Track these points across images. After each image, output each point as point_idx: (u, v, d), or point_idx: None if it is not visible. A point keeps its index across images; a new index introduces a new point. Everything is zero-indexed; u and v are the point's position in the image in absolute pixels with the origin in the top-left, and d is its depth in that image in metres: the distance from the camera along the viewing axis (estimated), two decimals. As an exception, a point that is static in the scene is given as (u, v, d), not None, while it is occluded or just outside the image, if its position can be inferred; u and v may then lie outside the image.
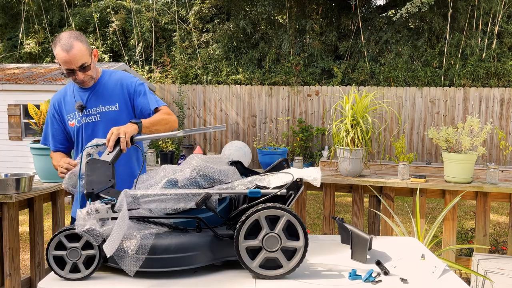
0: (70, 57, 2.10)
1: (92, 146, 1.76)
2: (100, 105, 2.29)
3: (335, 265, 1.60)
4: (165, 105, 2.35)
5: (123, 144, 1.80)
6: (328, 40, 10.92)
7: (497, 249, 4.06)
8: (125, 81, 2.34)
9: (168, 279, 1.43)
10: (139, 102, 2.32)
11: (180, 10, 11.87)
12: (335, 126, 3.51)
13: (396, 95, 9.87)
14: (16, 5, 12.41)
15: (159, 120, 2.17)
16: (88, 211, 1.42)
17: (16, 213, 2.94)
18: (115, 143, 1.79)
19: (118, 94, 2.31)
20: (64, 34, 2.16)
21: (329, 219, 3.58)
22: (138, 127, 1.96)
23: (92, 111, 2.29)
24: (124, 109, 2.31)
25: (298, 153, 9.74)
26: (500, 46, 10.12)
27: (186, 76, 11.02)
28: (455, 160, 3.27)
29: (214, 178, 1.58)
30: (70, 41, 2.11)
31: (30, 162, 3.78)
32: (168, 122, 2.22)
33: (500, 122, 9.56)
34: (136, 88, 2.33)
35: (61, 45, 2.10)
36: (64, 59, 2.10)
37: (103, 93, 2.31)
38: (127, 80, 2.35)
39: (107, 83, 2.33)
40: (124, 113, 2.30)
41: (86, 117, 2.29)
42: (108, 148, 1.77)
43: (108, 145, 1.77)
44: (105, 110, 2.29)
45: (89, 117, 2.29)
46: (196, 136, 10.71)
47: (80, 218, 1.41)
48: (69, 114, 2.32)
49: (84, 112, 2.28)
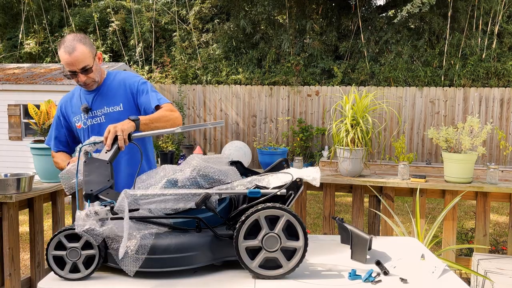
0: (72, 59, 2.12)
1: (90, 144, 1.73)
2: (105, 106, 2.31)
3: (335, 265, 1.59)
4: (168, 102, 2.31)
5: (121, 142, 1.79)
6: (328, 40, 10.91)
7: (497, 249, 4.06)
8: (128, 81, 2.35)
9: (168, 279, 1.43)
10: (142, 101, 2.31)
11: (180, 10, 11.87)
12: (335, 126, 3.51)
13: (396, 95, 9.87)
14: (16, 5, 12.41)
15: (159, 117, 2.13)
16: (87, 213, 1.42)
17: (16, 213, 2.94)
18: (113, 141, 1.77)
19: (122, 94, 2.33)
20: (69, 36, 2.18)
21: (329, 219, 3.58)
22: (136, 124, 1.93)
23: (97, 113, 2.31)
24: (128, 109, 2.32)
25: (298, 153, 9.74)
26: (500, 46, 10.11)
27: (186, 76, 11.02)
28: (455, 160, 3.27)
29: (214, 178, 1.58)
30: (73, 44, 2.13)
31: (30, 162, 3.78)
32: (169, 119, 2.16)
33: (500, 122, 9.56)
34: (139, 87, 2.33)
35: (64, 47, 2.13)
36: (66, 61, 2.13)
37: (107, 94, 2.33)
38: (130, 79, 2.36)
39: (111, 84, 2.35)
40: (128, 113, 2.30)
41: (92, 119, 2.32)
42: (106, 147, 1.75)
43: (106, 143, 1.76)
44: (110, 111, 2.31)
45: (94, 119, 2.32)
46: (196, 136, 10.71)
47: (79, 218, 1.41)
48: (76, 116, 2.35)
49: (90, 114, 2.31)
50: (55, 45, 11.99)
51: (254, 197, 1.50)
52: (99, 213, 1.42)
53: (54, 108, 3.25)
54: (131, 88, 2.33)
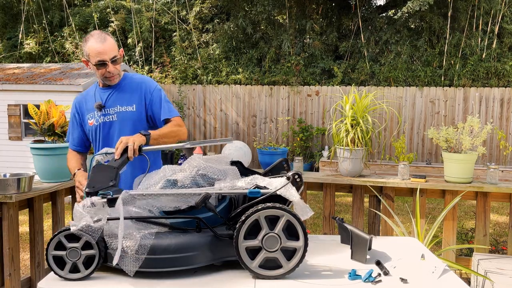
0: (104, 47, 2.21)
1: (102, 154, 1.82)
2: (118, 105, 2.36)
3: (335, 265, 1.59)
4: (177, 115, 2.41)
5: (130, 152, 1.86)
6: (328, 40, 10.92)
7: (497, 249, 4.06)
8: (145, 85, 2.42)
9: (168, 279, 1.43)
10: (153, 108, 2.39)
11: (180, 10, 11.87)
12: (335, 126, 3.51)
13: (396, 95, 9.87)
14: (16, 5, 12.41)
15: (168, 132, 2.25)
16: (84, 203, 1.44)
17: (16, 213, 2.94)
18: (123, 151, 1.84)
19: (137, 96, 2.38)
20: (95, 31, 2.29)
21: (329, 219, 3.58)
22: (146, 138, 2.03)
23: (110, 111, 2.36)
24: (140, 111, 2.38)
25: (298, 153, 9.74)
26: (500, 46, 10.11)
27: (186, 76, 11.02)
28: (455, 160, 3.27)
29: (213, 178, 1.58)
30: (103, 35, 2.24)
31: (30, 162, 3.78)
32: (176, 135, 2.29)
33: (500, 122, 9.56)
34: (154, 94, 2.41)
35: (95, 39, 2.22)
36: (98, 50, 2.20)
37: (123, 94, 2.38)
38: (147, 83, 2.43)
39: (127, 84, 2.41)
40: (140, 115, 2.38)
41: (104, 116, 2.36)
42: (116, 156, 1.83)
43: (116, 153, 1.84)
44: (122, 110, 2.36)
45: (106, 117, 2.36)
46: (196, 137, 10.71)
47: (75, 215, 1.42)
48: (89, 113, 2.40)
49: (103, 111, 2.36)
50: (55, 45, 12.00)
51: (254, 197, 1.50)
52: (96, 204, 1.44)
53: (54, 108, 3.25)
54: (146, 92, 2.40)
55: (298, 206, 1.46)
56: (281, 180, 1.53)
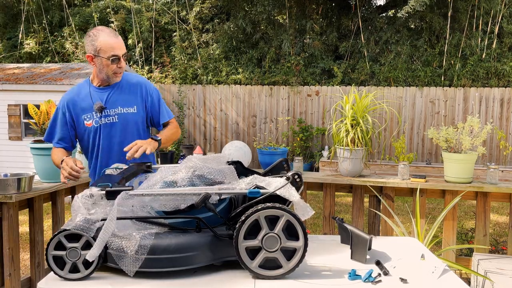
0: (118, 42, 2.23)
1: (112, 169, 1.85)
2: (119, 107, 2.34)
3: (335, 265, 1.59)
4: (173, 117, 2.51)
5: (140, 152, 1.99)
6: (328, 40, 10.91)
7: (497, 249, 4.06)
8: (144, 86, 2.43)
9: (168, 279, 1.43)
10: (153, 110, 2.43)
11: (180, 10, 11.87)
12: (335, 126, 3.51)
13: (396, 95, 9.87)
14: (16, 5, 12.41)
15: (171, 135, 2.40)
16: (82, 194, 1.46)
17: (16, 213, 2.94)
18: (131, 175, 1.82)
19: (137, 98, 2.38)
20: (100, 26, 2.31)
21: (329, 219, 3.57)
22: (158, 144, 2.20)
23: (110, 112, 2.32)
24: (140, 113, 2.38)
25: (298, 153, 9.74)
26: (500, 46, 10.11)
27: (186, 76, 11.02)
28: (455, 160, 3.27)
29: (210, 178, 1.58)
30: (113, 30, 2.27)
31: (30, 162, 3.78)
32: (176, 138, 2.49)
33: (500, 122, 9.56)
34: (153, 96, 2.44)
35: (107, 33, 2.22)
36: (113, 44, 2.20)
37: (122, 95, 2.36)
38: (147, 85, 2.45)
39: (125, 84, 2.39)
40: (140, 117, 2.38)
41: (105, 118, 2.33)
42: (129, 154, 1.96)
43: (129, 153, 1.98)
44: (124, 111, 2.34)
45: (107, 118, 2.33)
46: (196, 136, 10.71)
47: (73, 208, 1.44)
48: (86, 114, 2.33)
49: (103, 113, 2.32)
50: (55, 45, 11.99)
51: (254, 197, 1.50)
52: (94, 195, 1.44)
53: (54, 108, 3.25)
54: (146, 94, 2.41)
55: (298, 206, 1.46)
56: (281, 180, 1.52)
